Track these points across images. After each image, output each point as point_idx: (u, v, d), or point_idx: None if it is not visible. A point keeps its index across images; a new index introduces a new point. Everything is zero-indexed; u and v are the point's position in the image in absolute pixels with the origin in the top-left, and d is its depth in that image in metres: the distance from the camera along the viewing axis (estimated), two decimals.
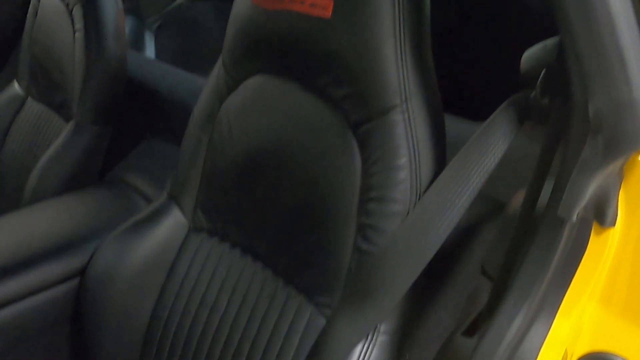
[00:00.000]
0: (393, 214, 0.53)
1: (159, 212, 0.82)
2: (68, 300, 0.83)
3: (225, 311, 0.73)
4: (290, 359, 0.62)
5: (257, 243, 0.72)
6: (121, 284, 0.79)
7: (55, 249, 0.85)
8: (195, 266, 0.78)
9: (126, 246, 0.81)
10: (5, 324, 0.76)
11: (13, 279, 0.78)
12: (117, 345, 0.80)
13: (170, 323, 0.77)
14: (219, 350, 0.71)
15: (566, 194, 0.42)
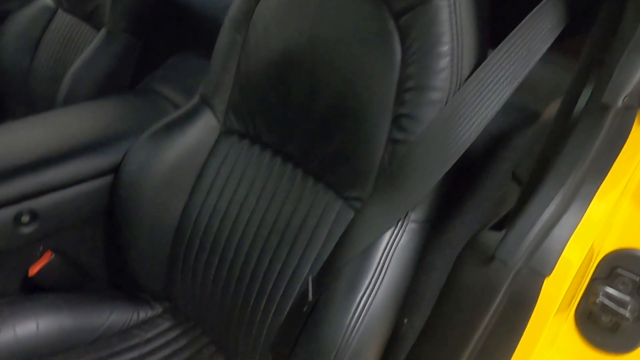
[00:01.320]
0: (432, 102, 0.53)
1: (191, 114, 0.83)
2: (102, 196, 0.86)
3: (254, 209, 0.75)
4: (318, 249, 0.64)
5: (289, 144, 0.73)
6: (153, 182, 0.82)
7: (90, 145, 0.88)
8: (226, 167, 0.80)
9: (158, 146, 0.83)
10: (45, 210, 0.80)
11: (53, 168, 0.81)
12: (148, 240, 0.83)
13: (200, 220, 0.80)
14: (248, 244, 0.74)
15: (614, 77, 0.41)
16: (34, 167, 0.81)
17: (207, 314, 0.81)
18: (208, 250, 0.79)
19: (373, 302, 0.52)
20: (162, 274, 0.85)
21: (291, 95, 0.71)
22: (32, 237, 0.80)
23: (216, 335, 0.81)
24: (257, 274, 0.71)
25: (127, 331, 0.84)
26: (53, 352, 0.77)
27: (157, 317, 0.87)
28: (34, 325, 0.77)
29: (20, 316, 0.77)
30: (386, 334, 0.54)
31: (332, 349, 0.51)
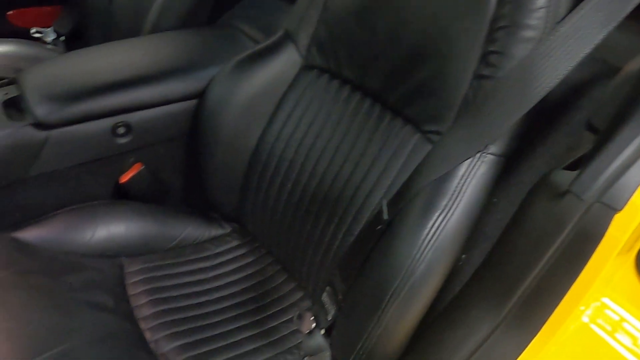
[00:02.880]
0: (525, 40, 0.55)
1: (274, 47, 0.88)
2: (187, 118, 0.93)
3: (329, 138, 0.79)
4: (392, 177, 0.68)
5: (370, 79, 0.76)
6: (234, 110, 0.88)
7: (178, 70, 0.94)
8: (304, 99, 0.84)
9: (241, 76, 0.88)
10: (138, 125, 0.88)
11: (146, 87, 0.88)
12: (225, 163, 0.90)
13: (276, 147, 0.85)
14: (321, 171, 0.79)
15: None
16: (131, 84, 0.88)
17: (275, 235, 0.87)
18: (282, 176, 0.85)
19: (447, 224, 0.56)
20: (234, 196, 0.92)
21: (377, 31, 0.74)
22: (125, 148, 0.88)
23: (281, 256, 0.88)
24: (329, 199, 0.76)
25: (199, 244, 0.93)
26: (137, 252, 0.86)
27: (226, 235, 0.95)
28: (123, 227, 0.86)
29: (113, 218, 0.86)
30: (453, 258, 0.58)
31: (404, 263, 0.56)
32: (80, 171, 0.86)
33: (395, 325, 0.58)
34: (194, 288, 0.84)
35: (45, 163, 0.81)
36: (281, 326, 0.81)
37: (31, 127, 0.79)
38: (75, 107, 0.82)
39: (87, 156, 0.85)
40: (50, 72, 0.88)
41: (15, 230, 0.78)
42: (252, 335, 0.78)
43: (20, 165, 0.80)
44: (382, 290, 0.57)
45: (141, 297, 0.78)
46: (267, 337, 0.78)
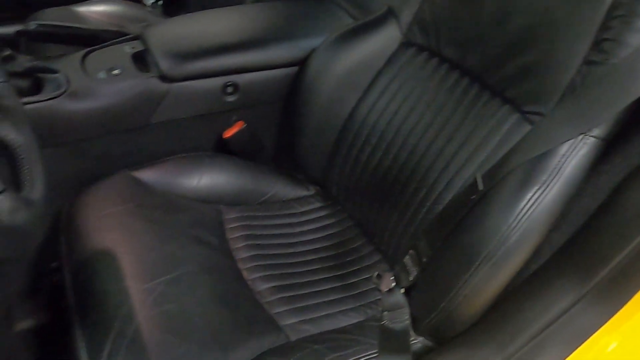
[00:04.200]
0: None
1: (376, 22, 0.92)
2: (287, 84, 1.00)
3: (423, 113, 0.83)
4: (488, 152, 0.72)
5: (470, 59, 0.79)
6: (331, 79, 0.93)
7: (282, 38, 1.01)
8: (401, 74, 0.89)
9: (342, 48, 0.93)
10: (244, 85, 0.96)
11: (253, 51, 0.96)
12: (317, 129, 0.96)
13: (369, 118, 0.90)
14: (413, 142, 0.83)
15: None
16: (241, 47, 0.96)
17: (358, 201, 0.93)
18: (372, 145, 0.90)
19: (545, 199, 0.59)
20: (322, 161, 0.98)
21: (483, 13, 0.77)
22: (231, 106, 0.96)
23: (362, 220, 0.94)
24: (419, 169, 0.81)
25: (286, 202, 1.00)
26: (233, 202, 0.94)
27: (309, 196, 1.02)
28: (224, 178, 0.95)
29: (215, 168, 0.95)
30: (547, 231, 0.62)
31: (500, 229, 0.60)
32: (191, 123, 0.95)
33: (483, 287, 0.62)
34: (282, 240, 0.91)
35: (164, 113, 0.91)
36: (360, 283, 0.87)
37: (156, 79, 0.88)
38: (193, 64, 0.91)
39: (199, 110, 0.94)
40: (172, 31, 0.96)
41: (135, 170, 0.88)
42: (335, 287, 0.85)
43: (144, 113, 0.89)
44: (473, 253, 0.62)
45: (238, 241, 0.87)
46: (348, 291, 0.85)
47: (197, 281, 0.73)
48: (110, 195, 0.82)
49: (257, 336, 0.70)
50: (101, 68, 0.87)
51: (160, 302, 0.66)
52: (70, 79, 0.84)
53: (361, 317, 0.80)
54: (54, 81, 0.82)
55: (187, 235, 0.80)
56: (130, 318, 0.64)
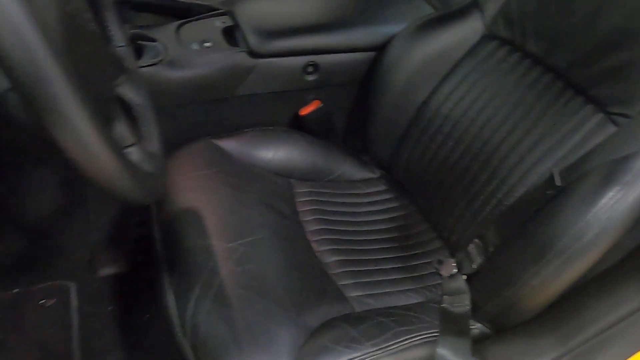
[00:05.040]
0: None
1: (459, 13, 0.93)
2: (364, 67, 1.03)
3: (500, 106, 0.84)
4: (567, 149, 0.73)
5: (556, 56, 0.79)
6: (409, 66, 0.95)
7: (362, 22, 1.03)
8: (481, 67, 0.90)
9: (422, 36, 0.95)
10: (324, 66, 0.99)
11: (335, 34, 1.00)
12: (390, 114, 0.98)
13: (444, 107, 0.92)
14: (487, 134, 0.84)
15: None
16: (323, 29, 0.99)
17: (424, 187, 0.95)
18: (444, 134, 0.92)
19: (626, 199, 0.59)
20: (390, 145, 1.01)
21: (574, 11, 0.77)
22: (309, 85, 1.00)
23: (426, 207, 0.96)
24: (492, 161, 0.82)
25: (352, 182, 1.03)
26: (304, 177, 0.98)
27: (375, 179, 1.05)
28: (297, 153, 0.99)
29: (290, 143, 0.99)
30: (623, 232, 0.62)
31: (576, 225, 0.61)
32: (270, 98, 0.99)
33: (552, 280, 0.64)
34: (348, 217, 0.95)
35: (248, 86, 0.95)
36: (421, 266, 0.90)
37: (244, 54, 0.93)
38: (279, 42, 0.95)
39: (280, 86, 0.98)
40: (260, 8, 1.01)
41: (216, 138, 0.93)
42: (396, 267, 0.88)
43: (230, 85, 0.94)
44: (545, 246, 0.64)
45: (308, 214, 0.91)
46: (409, 272, 0.87)
47: (273, 246, 0.78)
48: (195, 159, 0.88)
49: (326, 303, 0.74)
50: (194, 40, 0.93)
51: (241, 261, 0.72)
52: (167, 48, 0.90)
53: (421, 299, 0.83)
54: (152, 49, 0.88)
55: (263, 203, 0.85)
56: (216, 272, 0.69)
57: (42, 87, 0.33)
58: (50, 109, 0.33)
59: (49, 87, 0.33)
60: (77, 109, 0.35)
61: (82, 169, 0.36)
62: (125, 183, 0.39)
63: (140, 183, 0.42)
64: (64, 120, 0.34)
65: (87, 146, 0.36)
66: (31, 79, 0.33)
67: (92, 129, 0.36)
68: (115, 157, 0.38)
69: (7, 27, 0.32)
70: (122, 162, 0.39)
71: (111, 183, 0.38)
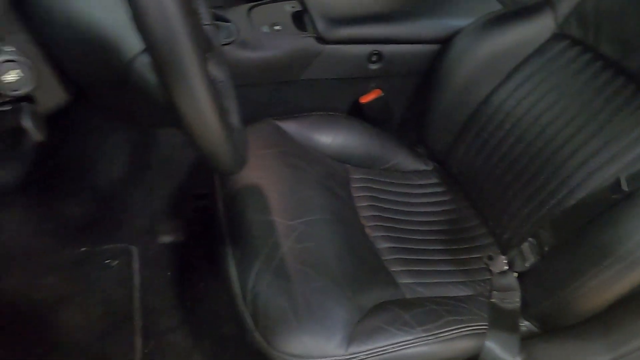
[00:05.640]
0: None
1: (529, 10, 0.92)
2: (427, 60, 1.03)
3: (567, 106, 0.83)
4: (635, 155, 0.72)
5: (631, 59, 0.77)
6: (474, 61, 0.95)
7: (429, 15, 1.03)
8: (549, 66, 0.89)
9: (489, 32, 0.94)
10: (388, 56, 1.00)
11: (400, 24, 1.00)
12: (449, 108, 0.98)
13: (506, 104, 0.91)
14: (551, 134, 0.83)
15: None
16: (390, 18, 1.00)
17: (480, 182, 0.95)
18: (505, 130, 0.91)
19: None
20: (447, 139, 1.01)
21: None
22: (372, 74, 1.01)
23: (479, 202, 0.96)
24: (554, 161, 0.82)
25: (406, 173, 1.04)
26: (359, 164, 1.00)
27: (428, 171, 1.06)
28: (354, 140, 1.00)
29: (349, 130, 1.00)
30: None
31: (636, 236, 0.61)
32: (333, 84, 1.01)
33: (611, 285, 0.64)
34: (401, 207, 0.96)
35: (312, 71, 0.97)
36: (471, 260, 0.90)
37: (312, 39, 0.95)
38: (347, 29, 0.96)
39: (343, 73, 1.00)
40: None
41: (279, 120, 0.96)
42: (447, 259, 0.89)
43: (296, 69, 0.97)
44: (607, 250, 0.63)
45: (362, 200, 0.93)
46: (459, 265, 0.88)
47: (330, 227, 0.80)
48: (258, 138, 0.91)
49: (378, 287, 0.76)
50: (264, 22, 0.96)
51: (301, 239, 0.74)
52: (240, 29, 0.93)
53: (469, 292, 0.84)
54: (226, 29, 0.91)
55: (321, 185, 0.88)
56: (277, 248, 0.72)
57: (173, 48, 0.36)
58: (176, 70, 0.37)
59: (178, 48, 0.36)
60: (197, 73, 0.38)
61: (194, 131, 0.39)
62: (227, 151, 0.42)
63: (236, 153, 0.45)
64: (186, 82, 0.37)
65: (202, 111, 0.39)
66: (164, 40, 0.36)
67: (208, 94, 0.39)
68: (223, 124, 0.41)
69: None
70: (227, 130, 0.42)
71: (216, 149, 0.41)
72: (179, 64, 0.37)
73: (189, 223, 1.05)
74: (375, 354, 0.64)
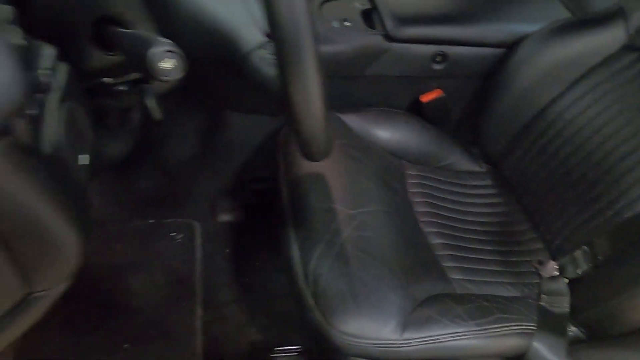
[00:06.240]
0: None
1: (601, 19, 0.92)
2: (490, 63, 1.04)
3: (631, 119, 0.84)
4: None
5: None
6: (538, 67, 0.96)
7: (496, 18, 1.04)
8: (615, 77, 0.89)
9: (557, 38, 0.95)
10: (452, 57, 1.02)
11: (465, 27, 1.02)
12: (512, 110, 0.99)
13: (568, 112, 0.92)
14: (613, 145, 0.84)
15: None
16: (457, 20, 1.02)
17: (534, 187, 0.96)
18: (565, 138, 0.92)
19: None
20: (503, 143, 1.02)
21: None
22: (434, 73, 1.03)
23: (532, 207, 0.98)
24: (614, 172, 0.83)
25: (459, 173, 1.06)
26: (415, 161, 1.03)
27: (481, 173, 1.07)
28: (413, 136, 1.03)
29: (407, 127, 1.03)
30: None
31: None
32: (395, 81, 1.04)
33: None
34: (453, 205, 0.99)
35: (377, 68, 1.00)
36: (520, 263, 0.92)
37: (380, 37, 0.98)
38: (414, 29, 0.99)
39: (407, 71, 1.02)
40: None
41: (341, 113, 1.00)
42: (496, 260, 0.91)
43: (361, 65, 1.00)
44: None
45: (417, 196, 0.96)
46: (508, 267, 0.90)
47: (388, 219, 0.84)
48: None
49: (430, 279, 0.79)
50: (335, 18, 0.99)
51: (360, 228, 0.78)
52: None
53: (518, 293, 0.86)
54: None
55: (380, 178, 0.91)
56: (338, 234, 0.76)
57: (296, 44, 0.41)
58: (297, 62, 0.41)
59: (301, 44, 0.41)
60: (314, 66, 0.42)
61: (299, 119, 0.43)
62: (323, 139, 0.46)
63: (329, 143, 0.49)
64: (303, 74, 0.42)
65: (313, 101, 0.43)
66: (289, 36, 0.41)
67: (320, 87, 0.43)
68: (326, 115, 0.45)
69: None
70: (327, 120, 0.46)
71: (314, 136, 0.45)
72: (300, 57, 0.41)
73: (247, 205, 1.10)
74: (427, 342, 0.68)
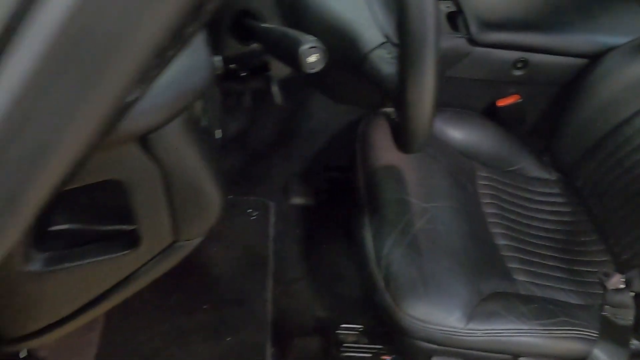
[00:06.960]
0: None
1: None
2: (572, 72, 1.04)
3: None
4: None
5: None
6: (622, 80, 0.96)
7: (582, 28, 1.05)
8: None
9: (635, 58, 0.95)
10: (533, 64, 1.03)
11: (552, 34, 1.03)
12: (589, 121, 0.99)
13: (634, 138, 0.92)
14: None
15: None
16: (542, 27, 1.03)
17: (606, 200, 0.96)
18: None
19: None
20: (577, 153, 1.02)
21: None
22: (515, 79, 1.05)
23: (602, 219, 0.98)
24: None
25: (529, 179, 1.07)
26: (485, 163, 1.04)
27: (551, 181, 1.08)
28: (486, 139, 1.05)
29: (480, 128, 1.06)
30: None
31: None
32: (473, 84, 1.06)
33: None
34: (521, 210, 1.01)
35: (457, 70, 1.03)
36: (584, 272, 0.93)
37: (464, 40, 1.00)
38: (498, 34, 1.01)
39: (486, 75, 1.05)
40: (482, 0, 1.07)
41: None
42: (561, 267, 0.93)
43: (443, 66, 1.03)
44: None
45: (486, 197, 0.99)
46: (572, 275, 0.92)
47: (458, 215, 0.88)
48: None
49: (496, 277, 0.82)
50: None
51: (432, 221, 0.83)
52: None
53: (579, 301, 0.88)
54: None
55: (452, 176, 0.95)
56: (411, 224, 0.81)
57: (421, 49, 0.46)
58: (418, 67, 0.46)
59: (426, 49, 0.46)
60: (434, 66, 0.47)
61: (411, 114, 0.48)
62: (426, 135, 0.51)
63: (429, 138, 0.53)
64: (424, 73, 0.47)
65: (427, 100, 0.48)
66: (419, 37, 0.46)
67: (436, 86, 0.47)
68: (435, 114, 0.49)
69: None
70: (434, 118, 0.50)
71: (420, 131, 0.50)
72: (423, 61, 0.46)
73: (319, 191, 1.16)
74: (491, 334, 0.71)
